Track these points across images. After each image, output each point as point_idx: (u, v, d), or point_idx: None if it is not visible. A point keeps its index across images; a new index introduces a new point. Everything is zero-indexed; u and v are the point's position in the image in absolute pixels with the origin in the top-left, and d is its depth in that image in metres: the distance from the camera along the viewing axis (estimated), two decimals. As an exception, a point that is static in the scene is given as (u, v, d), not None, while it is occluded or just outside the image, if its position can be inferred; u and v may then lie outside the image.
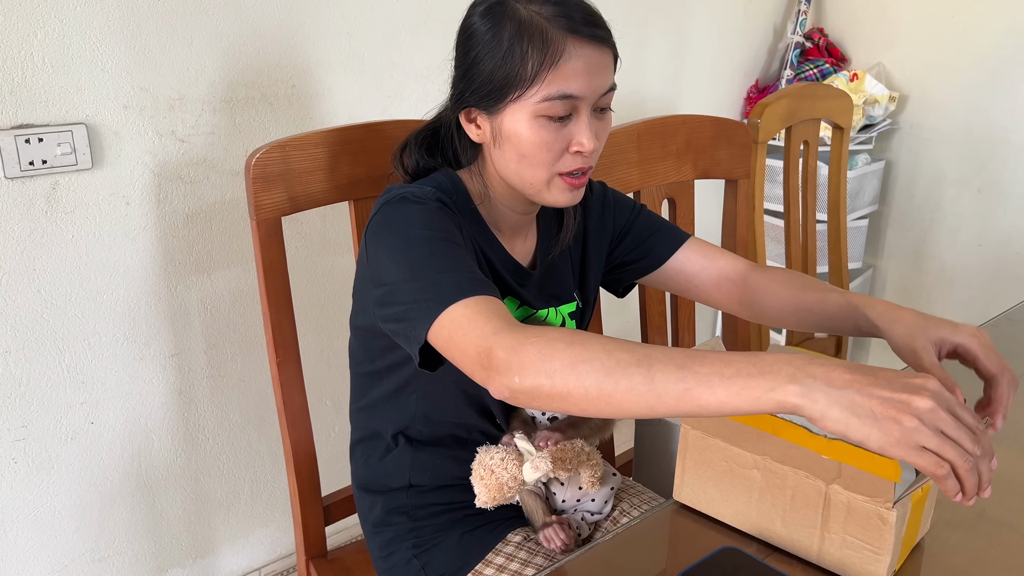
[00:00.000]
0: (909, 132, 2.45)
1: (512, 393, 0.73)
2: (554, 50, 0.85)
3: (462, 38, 0.92)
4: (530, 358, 0.71)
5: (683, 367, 0.68)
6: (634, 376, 0.68)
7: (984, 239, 2.37)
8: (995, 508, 0.87)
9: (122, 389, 1.47)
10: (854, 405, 0.62)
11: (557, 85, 0.86)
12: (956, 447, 0.62)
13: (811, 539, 0.77)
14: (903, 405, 0.62)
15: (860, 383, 0.63)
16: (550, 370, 0.71)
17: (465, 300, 0.78)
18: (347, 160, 1.13)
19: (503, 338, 0.73)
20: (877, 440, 0.62)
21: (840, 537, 0.74)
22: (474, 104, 0.92)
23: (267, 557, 1.77)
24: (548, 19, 0.86)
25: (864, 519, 0.72)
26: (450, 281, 0.80)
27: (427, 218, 0.88)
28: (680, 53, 2.24)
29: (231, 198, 1.51)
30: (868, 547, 0.73)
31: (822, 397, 0.63)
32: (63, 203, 1.33)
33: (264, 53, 1.49)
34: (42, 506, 1.44)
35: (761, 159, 1.60)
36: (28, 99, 1.27)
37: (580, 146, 0.90)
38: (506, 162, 0.93)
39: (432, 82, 1.73)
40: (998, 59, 2.23)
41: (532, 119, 0.88)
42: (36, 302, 1.35)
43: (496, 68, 0.88)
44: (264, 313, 1.12)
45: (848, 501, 0.73)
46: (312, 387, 1.21)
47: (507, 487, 0.92)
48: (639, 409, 0.69)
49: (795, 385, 0.63)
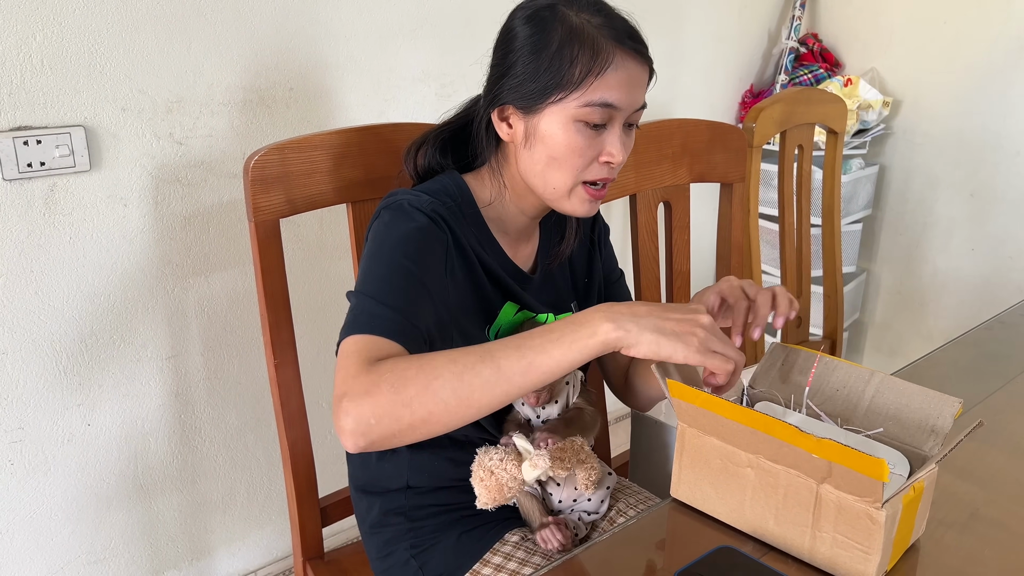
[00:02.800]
0: (902, 137, 2.46)
1: (367, 441, 0.76)
2: (603, 58, 0.88)
3: (504, 38, 0.94)
4: (384, 396, 0.75)
5: (519, 347, 0.77)
6: (483, 371, 0.76)
7: (976, 243, 2.39)
8: (988, 508, 0.88)
9: (119, 391, 1.47)
10: (659, 328, 0.76)
11: (600, 92, 0.89)
12: (732, 348, 0.79)
13: (803, 537, 0.77)
14: (692, 322, 0.78)
15: (656, 311, 0.78)
16: (406, 399, 0.75)
17: (366, 336, 0.80)
18: (345, 163, 1.14)
19: (357, 383, 0.76)
20: (683, 351, 0.76)
21: (831, 536, 0.75)
22: (511, 102, 0.94)
23: (263, 559, 1.77)
24: (598, 28, 0.89)
25: (854, 518, 0.73)
26: (372, 312, 0.82)
27: (408, 238, 0.90)
28: (675, 58, 2.25)
29: (228, 200, 1.52)
30: (858, 546, 0.74)
31: (633, 326, 0.76)
32: (61, 205, 1.34)
33: (262, 56, 1.49)
34: (38, 508, 1.44)
35: (756, 163, 1.61)
36: (27, 101, 1.27)
37: (610, 156, 0.93)
38: (534, 163, 0.95)
39: (430, 86, 1.74)
40: (990, 65, 2.25)
41: (570, 122, 0.91)
42: (34, 303, 1.35)
43: (542, 69, 0.90)
44: (262, 315, 1.12)
45: (838, 500, 0.74)
46: (309, 389, 1.21)
47: (507, 487, 0.92)
48: (495, 398, 0.76)
49: (609, 323, 0.76)
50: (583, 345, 0.76)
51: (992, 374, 1.20)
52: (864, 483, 0.71)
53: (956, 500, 0.89)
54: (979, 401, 1.12)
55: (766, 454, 0.77)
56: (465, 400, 0.76)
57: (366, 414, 0.75)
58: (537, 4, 0.93)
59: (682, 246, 1.49)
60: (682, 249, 1.49)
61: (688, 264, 1.51)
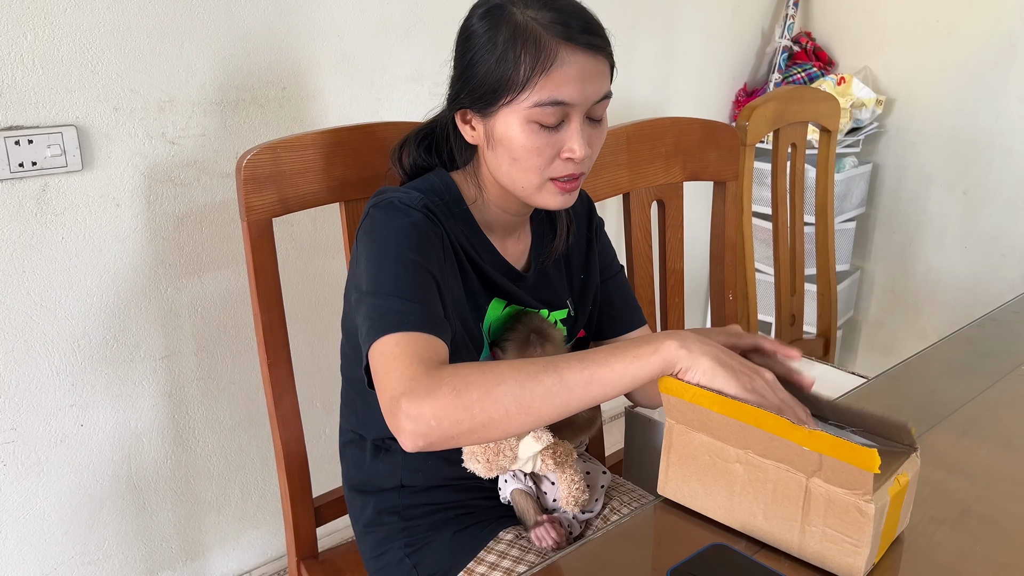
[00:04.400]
0: (895, 135, 2.47)
1: (427, 442, 0.76)
2: (546, 56, 0.86)
3: (461, 38, 0.93)
4: (446, 399, 0.75)
5: (583, 359, 0.79)
6: (545, 380, 0.77)
7: (969, 241, 2.39)
8: (980, 504, 0.88)
9: (112, 391, 1.47)
10: (720, 360, 0.78)
11: (549, 91, 0.87)
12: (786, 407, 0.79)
13: (792, 532, 0.77)
14: (755, 371, 0.80)
15: (725, 350, 0.80)
16: (468, 403, 0.75)
17: (402, 333, 0.80)
18: (338, 162, 1.14)
19: (418, 384, 0.76)
20: (735, 387, 0.77)
21: (820, 530, 0.75)
22: (468, 106, 0.93)
23: (257, 560, 1.77)
24: (544, 25, 0.87)
25: (843, 512, 0.73)
26: (398, 309, 0.82)
27: (408, 233, 0.89)
28: (668, 57, 2.25)
29: (221, 200, 1.51)
30: (848, 539, 0.74)
31: (696, 347, 0.78)
32: (53, 205, 1.33)
33: (254, 55, 1.49)
34: (31, 509, 1.43)
35: (749, 161, 1.61)
36: (18, 100, 1.27)
37: (571, 152, 0.90)
38: (499, 164, 0.94)
39: (422, 84, 1.74)
40: (982, 63, 2.26)
41: (524, 124, 0.89)
42: (26, 304, 1.34)
43: (490, 71, 0.88)
44: (255, 314, 1.12)
45: (827, 494, 0.74)
46: (302, 389, 1.21)
47: (503, 454, 0.93)
48: (555, 408, 0.78)
49: (674, 341, 0.78)
50: (645, 361, 0.78)
51: (984, 371, 1.20)
52: (854, 475, 0.71)
53: (948, 496, 0.89)
54: (971, 398, 1.12)
55: (755, 449, 0.77)
56: (526, 407, 0.76)
57: (427, 415, 0.75)
58: (489, 2, 0.91)
59: (676, 244, 1.49)
60: (676, 248, 1.49)
61: (682, 262, 1.51)
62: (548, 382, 0.76)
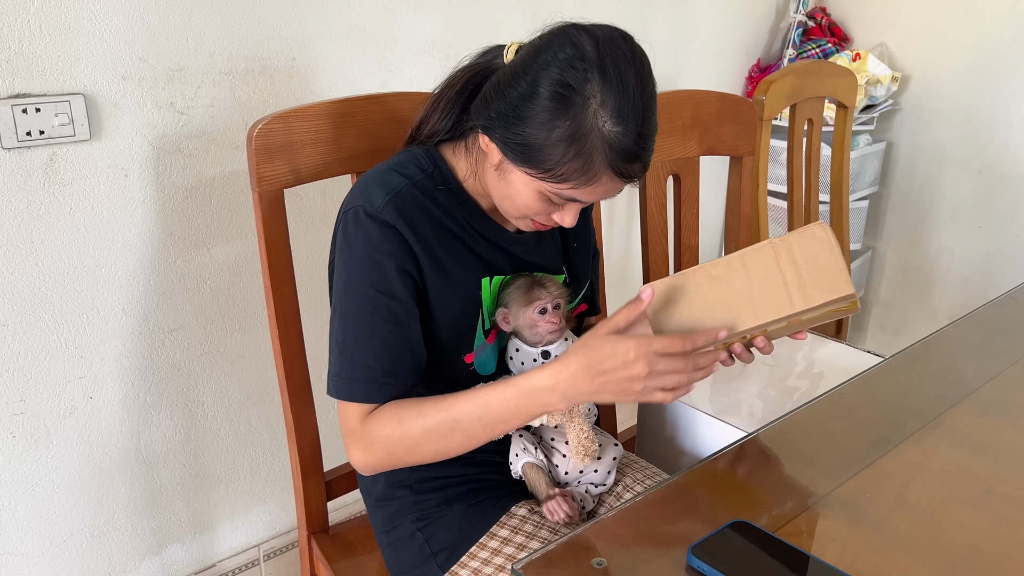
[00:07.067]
0: (910, 113, 2.44)
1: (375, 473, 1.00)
2: (589, 177, 0.86)
3: (527, 89, 0.86)
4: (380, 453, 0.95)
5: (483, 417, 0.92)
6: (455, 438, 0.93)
7: (983, 221, 2.37)
8: (1003, 484, 0.87)
9: (121, 364, 1.46)
10: (594, 395, 0.87)
11: (572, 193, 0.89)
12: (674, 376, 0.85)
13: (781, 295, 0.84)
14: (628, 379, 0.84)
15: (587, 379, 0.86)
16: (397, 459, 0.96)
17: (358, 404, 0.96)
18: (350, 132, 1.12)
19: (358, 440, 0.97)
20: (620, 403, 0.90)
21: (799, 277, 0.84)
22: (496, 142, 0.91)
23: (266, 533, 1.77)
24: (605, 144, 0.84)
25: (806, 245, 0.85)
26: (360, 378, 0.95)
27: (368, 268, 0.94)
28: (681, 31, 2.21)
29: (230, 171, 1.49)
30: (824, 268, 0.84)
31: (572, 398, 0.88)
32: (61, 175, 1.32)
33: (264, 25, 1.47)
34: (40, 481, 1.43)
35: (766, 137, 1.59)
36: (25, 68, 1.25)
37: (562, 223, 0.96)
38: (496, 186, 0.95)
39: (433, 56, 1.71)
40: (1000, 40, 2.22)
41: (536, 191, 0.91)
42: (34, 275, 1.33)
43: (533, 143, 0.86)
44: (266, 286, 1.11)
45: (789, 242, 0.86)
46: (313, 362, 1.20)
47: None
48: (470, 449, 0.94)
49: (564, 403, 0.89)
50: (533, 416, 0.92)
51: (1004, 350, 1.19)
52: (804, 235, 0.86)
53: (971, 476, 0.88)
54: (991, 377, 1.11)
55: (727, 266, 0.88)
56: (445, 454, 0.95)
57: (371, 462, 0.96)
58: (570, 74, 0.84)
59: (691, 220, 1.47)
60: (691, 223, 1.47)
61: (697, 238, 1.49)
62: (458, 438, 0.93)
